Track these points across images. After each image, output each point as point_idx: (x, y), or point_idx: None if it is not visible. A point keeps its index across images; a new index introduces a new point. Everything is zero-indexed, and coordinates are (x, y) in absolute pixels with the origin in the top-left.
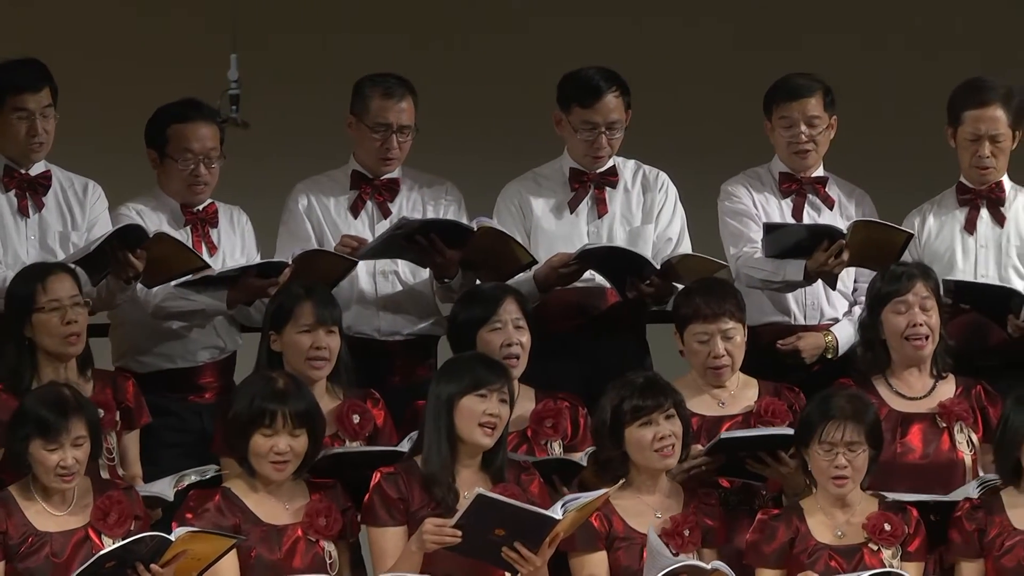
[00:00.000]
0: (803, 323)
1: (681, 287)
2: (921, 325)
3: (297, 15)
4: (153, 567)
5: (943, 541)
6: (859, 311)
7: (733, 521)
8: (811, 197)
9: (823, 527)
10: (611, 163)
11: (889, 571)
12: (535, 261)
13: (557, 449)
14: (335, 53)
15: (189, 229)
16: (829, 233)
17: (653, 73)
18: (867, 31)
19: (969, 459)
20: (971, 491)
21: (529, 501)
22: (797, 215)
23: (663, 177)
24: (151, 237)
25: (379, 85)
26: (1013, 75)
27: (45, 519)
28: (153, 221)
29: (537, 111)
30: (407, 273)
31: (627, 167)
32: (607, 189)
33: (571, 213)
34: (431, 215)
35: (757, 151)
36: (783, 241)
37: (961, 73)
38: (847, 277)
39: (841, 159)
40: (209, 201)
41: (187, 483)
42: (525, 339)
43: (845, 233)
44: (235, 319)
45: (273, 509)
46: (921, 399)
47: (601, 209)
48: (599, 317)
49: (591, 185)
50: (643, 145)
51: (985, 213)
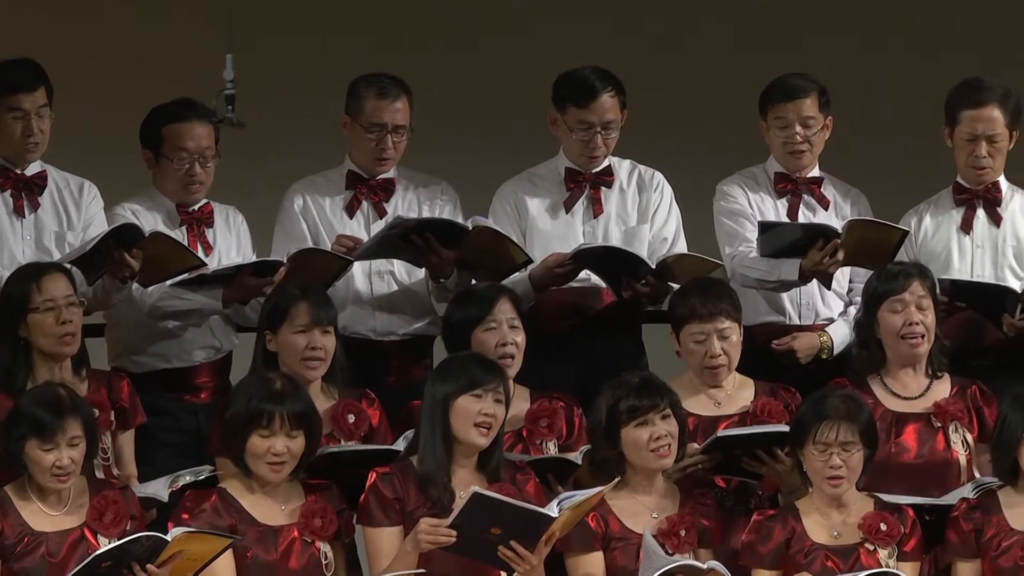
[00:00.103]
0: (798, 323)
1: (676, 287)
2: (917, 324)
3: (292, 15)
4: (149, 567)
5: (938, 542)
6: (854, 311)
7: (729, 521)
8: (806, 197)
9: (819, 527)
10: (606, 163)
11: (886, 571)
12: (530, 260)
13: (552, 449)
14: (330, 53)
15: (185, 229)
16: (824, 232)
17: (653, 73)
18: (867, 31)
19: (964, 459)
20: (967, 494)
21: (525, 501)
22: (792, 215)
23: (658, 177)
24: (147, 236)
25: (374, 85)
26: (1013, 75)
27: (41, 519)
28: (149, 221)
29: (533, 111)
30: (403, 273)
31: (622, 167)
32: (603, 189)
33: (567, 213)
34: (427, 215)
35: (757, 151)
36: (778, 240)
37: (961, 73)
38: (842, 277)
39: (841, 159)
40: (205, 201)
41: (182, 484)
42: (520, 339)
43: (840, 232)
44: (231, 319)
45: (269, 510)
46: (916, 399)
47: (597, 209)
48: (594, 317)
49: (587, 185)
50: (643, 145)
51: (981, 213)
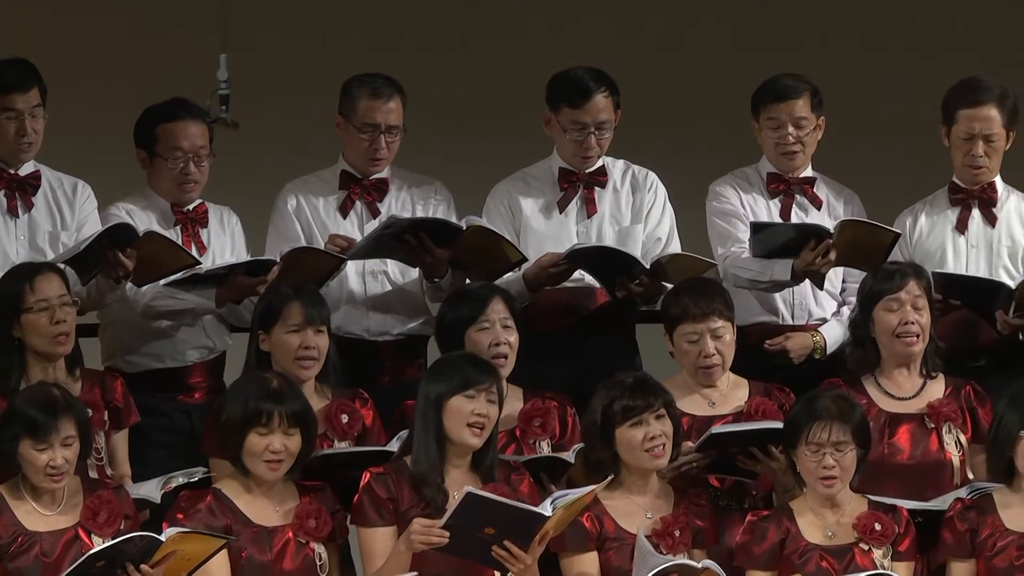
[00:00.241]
0: (791, 323)
1: (670, 287)
2: (912, 324)
3: (287, 15)
4: (143, 567)
5: (928, 544)
6: (847, 311)
7: (724, 521)
8: (799, 197)
9: (813, 527)
10: (600, 163)
11: (882, 573)
12: (525, 259)
13: (545, 448)
14: (325, 53)
15: (179, 229)
16: (816, 232)
17: (652, 73)
18: (867, 31)
19: (957, 460)
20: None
21: (519, 500)
22: (785, 215)
23: (652, 177)
24: (141, 236)
25: (367, 85)
26: (1012, 75)
27: (35, 519)
28: (143, 221)
29: (527, 111)
30: (396, 273)
31: (616, 167)
32: (596, 189)
33: (560, 213)
34: (420, 215)
35: (757, 151)
36: (770, 241)
37: (961, 73)
38: (835, 277)
39: (841, 159)
40: (199, 201)
41: (175, 485)
42: (513, 339)
43: (832, 232)
44: (225, 319)
45: (264, 510)
46: (910, 399)
47: (590, 209)
48: (588, 317)
49: (580, 185)
50: (642, 145)
51: (977, 213)
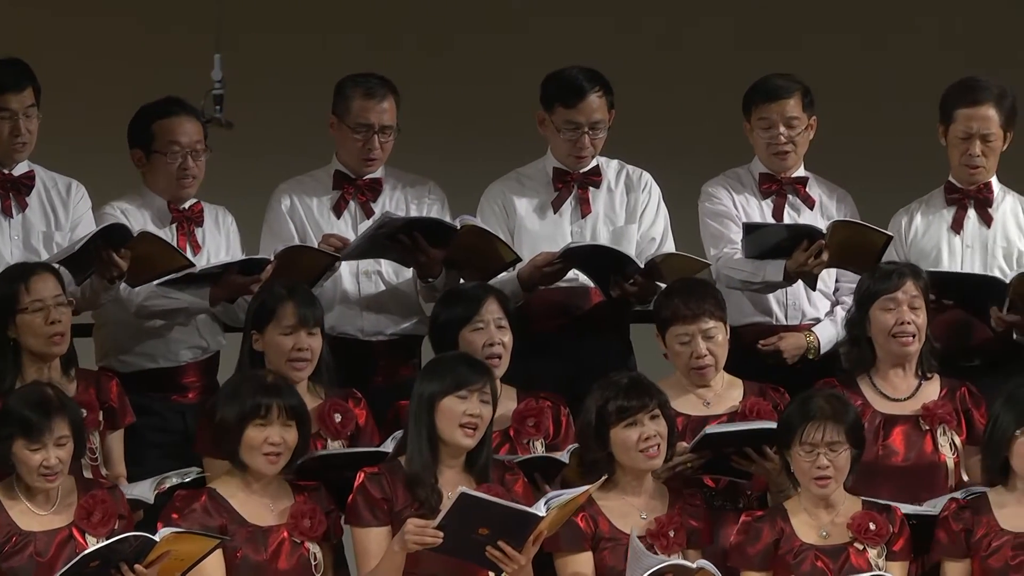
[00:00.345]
0: (784, 323)
1: (664, 286)
2: (909, 324)
3: (281, 15)
4: (137, 567)
5: (921, 547)
6: (840, 311)
7: (718, 521)
8: (791, 197)
9: (808, 527)
10: (594, 163)
11: (878, 574)
12: (519, 259)
13: (539, 448)
14: (319, 53)
15: (175, 227)
16: (809, 233)
17: (651, 73)
18: (867, 31)
19: (951, 462)
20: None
21: (513, 501)
22: (778, 215)
23: (646, 177)
24: (135, 236)
25: (360, 85)
26: (1013, 75)
27: (29, 518)
28: (138, 220)
29: (521, 111)
30: (390, 273)
31: (610, 167)
32: (590, 189)
33: (554, 213)
34: (414, 214)
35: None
36: (763, 241)
37: (960, 73)
38: (828, 277)
39: (841, 159)
40: (195, 200)
41: (168, 486)
42: (507, 339)
43: (825, 233)
44: (219, 318)
45: (258, 510)
46: (905, 400)
47: (584, 209)
48: (583, 317)
49: (574, 185)
50: (641, 145)
51: (972, 213)
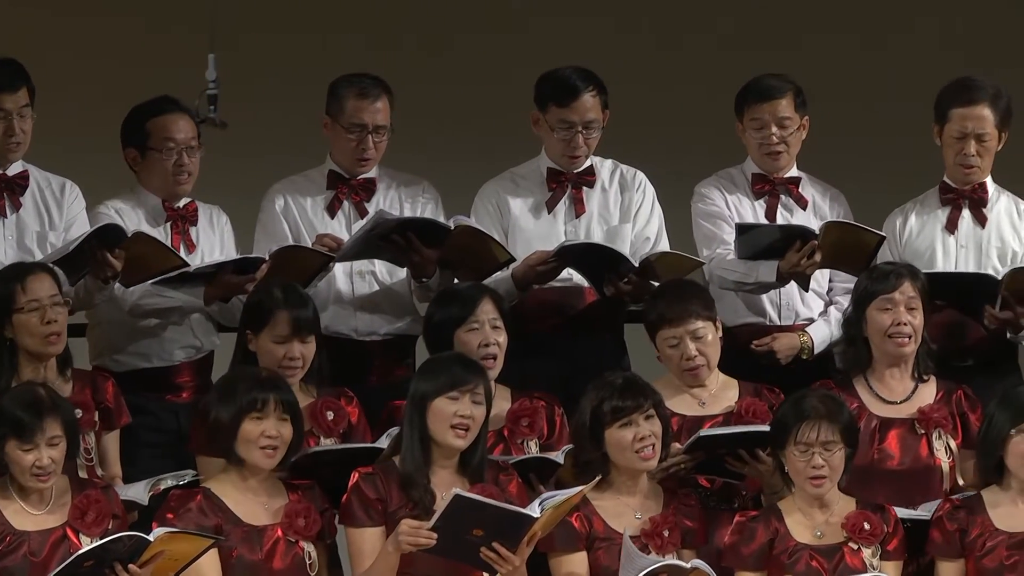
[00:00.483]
0: (778, 324)
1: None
2: (905, 325)
3: (275, 15)
4: (131, 567)
5: (917, 550)
6: (834, 311)
7: (713, 521)
8: (784, 198)
9: (802, 527)
10: (588, 163)
11: (875, 575)
12: (513, 259)
13: (533, 448)
14: (314, 53)
15: (169, 226)
16: (802, 234)
17: (649, 73)
18: (867, 31)
19: (947, 465)
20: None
21: (507, 501)
22: (770, 216)
23: (640, 176)
24: (130, 236)
25: (354, 85)
26: (1011, 75)
27: (23, 518)
28: (132, 219)
29: (516, 111)
30: (384, 273)
31: (604, 166)
32: (584, 189)
33: (548, 213)
34: (408, 214)
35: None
36: (756, 242)
37: (958, 73)
38: (822, 277)
39: (835, 159)
40: (189, 199)
41: (163, 487)
42: (502, 339)
43: (817, 234)
44: (214, 318)
45: (253, 509)
46: (901, 403)
47: (579, 209)
48: (577, 316)
49: (568, 185)
50: (639, 145)
51: (967, 213)
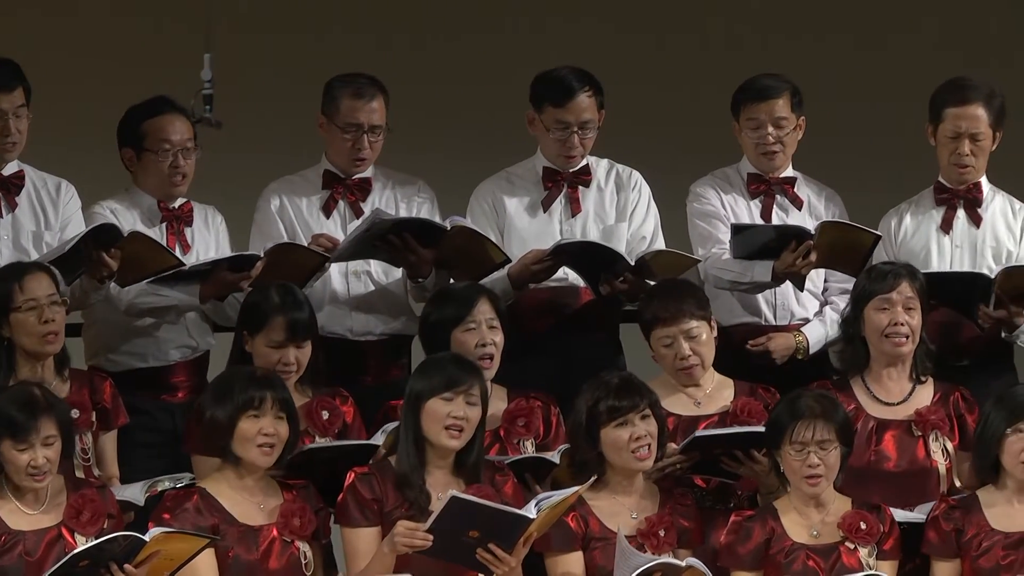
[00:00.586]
0: (773, 324)
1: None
2: (902, 325)
3: (271, 14)
4: (127, 567)
5: (913, 552)
6: (829, 311)
7: (709, 521)
8: (779, 198)
9: (798, 527)
10: (584, 162)
11: (873, 574)
12: (509, 260)
13: (529, 448)
14: (309, 52)
15: (164, 227)
16: (797, 234)
17: (649, 73)
18: (866, 31)
19: (943, 468)
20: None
21: (503, 502)
22: (766, 216)
23: (636, 176)
24: (125, 236)
25: (349, 85)
26: (1011, 76)
27: (18, 518)
28: (127, 219)
29: (511, 110)
30: (379, 273)
31: (600, 166)
32: (580, 188)
33: (544, 212)
34: (404, 213)
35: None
36: (751, 242)
37: (956, 73)
38: (817, 278)
39: (840, 159)
40: (184, 200)
41: (160, 489)
42: (499, 339)
43: (813, 234)
44: (209, 317)
45: (248, 509)
46: (898, 405)
47: (575, 208)
48: (572, 316)
49: (564, 184)
50: (639, 145)
51: (962, 213)
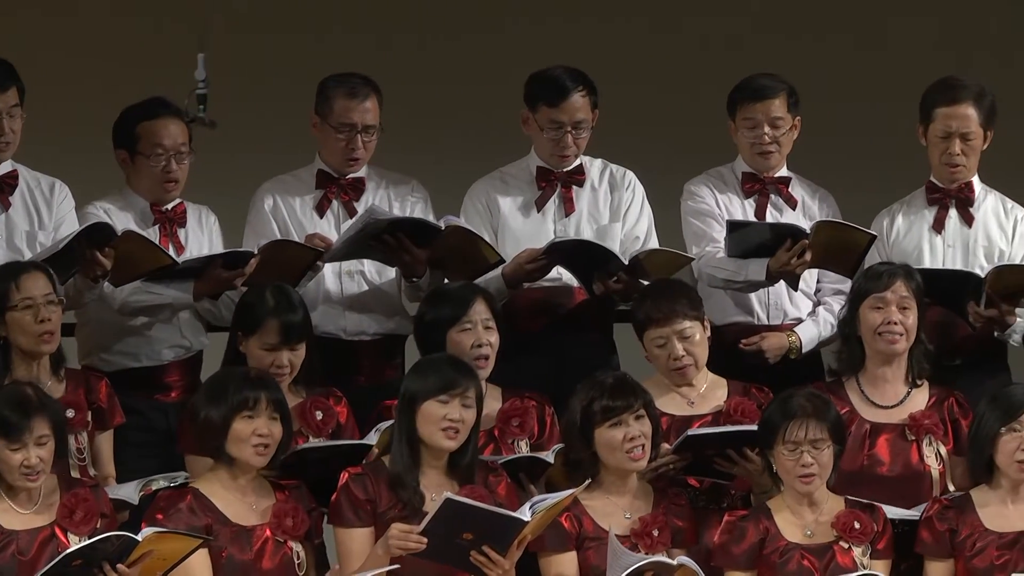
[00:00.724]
0: (766, 323)
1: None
2: (896, 324)
3: (265, 14)
4: (120, 567)
5: (904, 552)
6: (823, 311)
7: (703, 521)
8: (774, 197)
9: (792, 527)
10: (578, 162)
11: (869, 574)
12: (503, 260)
13: (524, 448)
14: (303, 52)
15: (157, 228)
16: (792, 233)
17: (647, 73)
18: (865, 31)
19: (937, 472)
20: None
21: (496, 503)
22: (760, 215)
23: (630, 175)
24: (119, 235)
25: (343, 85)
26: (1010, 75)
27: (11, 517)
28: (121, 220)
29: (505, 110)
30: (373, 273)
31: (594, 166)
32: (574, 188)
33: (538, 212)
34: (397, 213)
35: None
36: (746, 240)
37: (950, 73)
38: (810, 277)
39: (839, 159)
40: (178, 201)
41: (155, 488)
42: (494, 339)
43: (808, 233)
44: (203, 317)
45: (241, 509)
46: (892, 408)
47: (568, 208)
48: (566, 315)
49: (558, 184)
50: (638, 145)
51: (954, 213)
